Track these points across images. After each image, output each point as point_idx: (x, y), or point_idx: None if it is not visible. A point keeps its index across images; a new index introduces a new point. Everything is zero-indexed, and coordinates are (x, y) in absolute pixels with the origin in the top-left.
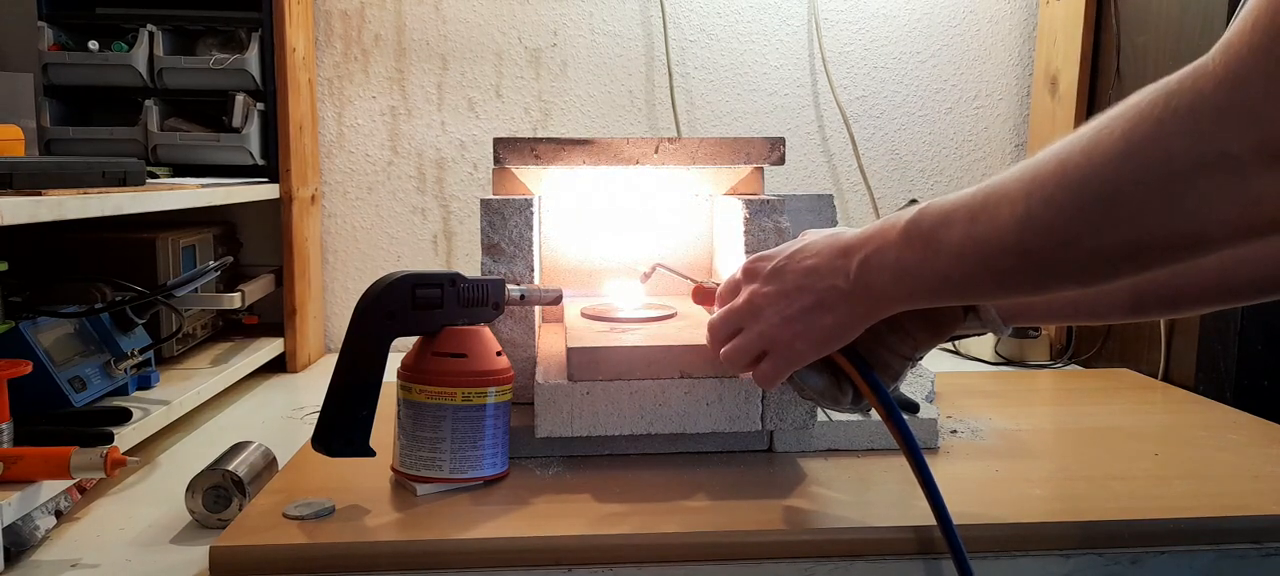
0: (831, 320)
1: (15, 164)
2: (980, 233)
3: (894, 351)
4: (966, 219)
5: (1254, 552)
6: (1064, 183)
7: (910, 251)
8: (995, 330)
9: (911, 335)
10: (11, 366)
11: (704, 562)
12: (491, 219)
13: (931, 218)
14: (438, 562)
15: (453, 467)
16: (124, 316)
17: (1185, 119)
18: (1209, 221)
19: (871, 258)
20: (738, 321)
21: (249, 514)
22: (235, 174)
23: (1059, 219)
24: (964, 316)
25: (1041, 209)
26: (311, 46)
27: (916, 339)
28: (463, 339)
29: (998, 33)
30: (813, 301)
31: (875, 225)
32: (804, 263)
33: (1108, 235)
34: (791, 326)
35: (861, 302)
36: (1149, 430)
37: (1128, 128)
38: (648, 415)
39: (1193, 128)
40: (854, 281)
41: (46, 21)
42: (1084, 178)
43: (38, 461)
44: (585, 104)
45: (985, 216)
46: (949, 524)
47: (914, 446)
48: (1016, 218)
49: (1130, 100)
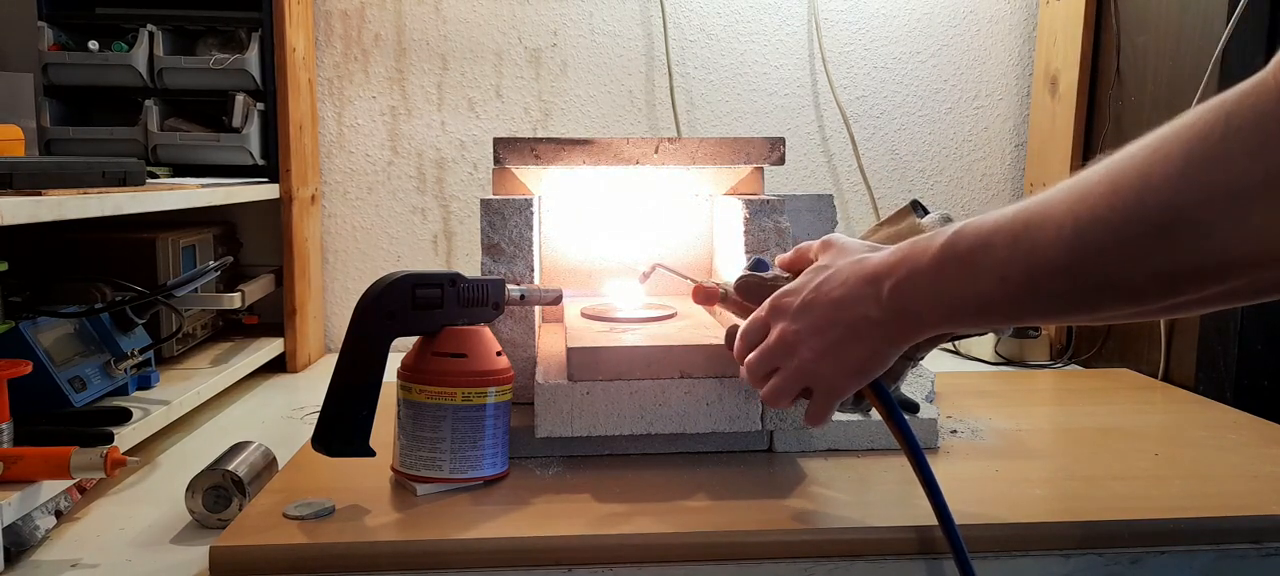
0: (866, 350)
1: (15, 164)
2: (1025, 255)
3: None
4: (1009, 241)
5: (1254, 553)
6: (1117, 204)
7: (947, 275)
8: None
9: None
10: (11, 366)
11: (704, 562)
12: (491, 219)
13: (968, 240)
14: (438, 562)
15: (453, 467)
16: (124, 316)
17: (1249, 137)
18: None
19: (903, 283)
20: (773, 361)
21: (249, 514)
22: (235, 174)
23: (1113, 241)
24: None
25: (1093, 230)
26: (311, 46)
27: None
28: (463, 339)
29: (998, 33)
30: (845, 333)
31: (902, 248)
32: (831, 294)
33: (1167, 258)
34: (827, 361)
35: (896, 329)
36: (1149, 430)
37: (1187, 148)
38: (648, 415)
39: (1259, 146)
40: (886, 309)
41: (46, 21)
42: (1140, 198)
43: (38, 461)
44: (585, 104)
45: (1029, 238)
46: (950, 523)
47: (916, 446)
48: (1065, 240)
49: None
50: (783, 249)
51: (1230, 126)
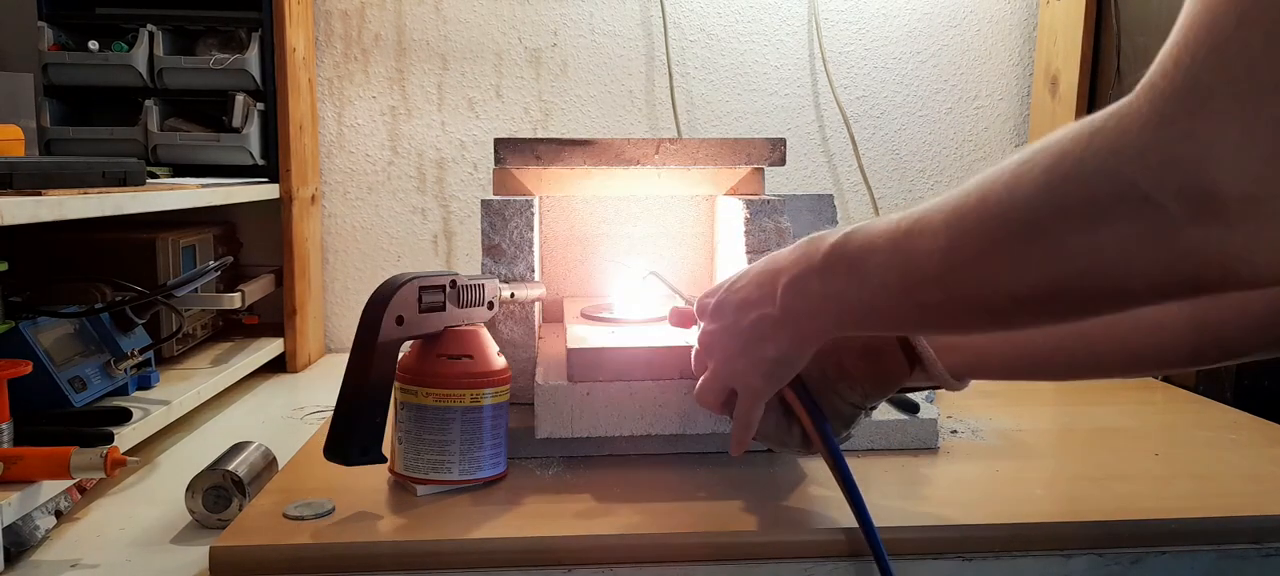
0: (772, 350)
1: (15, 164)
2: (902, 263)
3: (843, 398)
4: (889, 247)
5: (1254, 553)
6: (984, 215)
7: (834, 278)
8: (945, 385)
9: (859, 384)
10: (11, 366)
11: (704, 563)
12: (492, 219)
13: (857, 243)
14: (438, 563)
15: (461, 470)
16: (124, 316)
17: (1107, 159)
18: (1130, 271)
19: (794, 282)
20: (701, 363)
21: (249, 514)
22: (235, 174)
23: (979, 253)
24: (910, 369)
25: (962, 241)
26: (312, 46)
27: (864, 389)
28: (467, 340)
29: (998, 33)
30: (750, 332)
31: (801, 244)
32: (738, 293)
33: (1027, 275)
34: (740, 360)
35: (791, 329)
36: (1149, 430)
37: (1050, 163)
38: (648, 416)
39: (1115, 169)
40: (779, 307)
41: (46, 21)
42: (1004, 211)
43: (38, 461)
44: (585, 104)
45: (908, 246)
46: (872, 531)
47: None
48: (939, 249)
49: (1055, 135)
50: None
51: (1092, 146)
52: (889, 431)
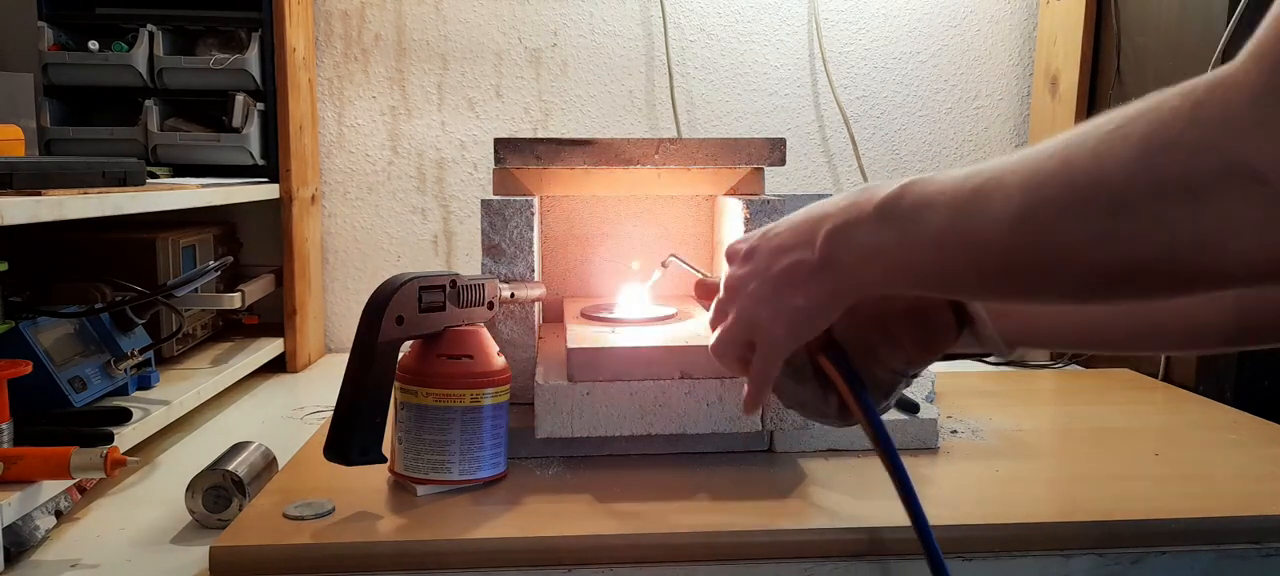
0: (802, 300)
1: (15, 164)
2: (966, 225)
3: (884, 364)
4: (951, 205)
5: (1254, 553)
6: (1068, 183)
7: (885, 231)
8: (996, 351)
9: (902, 348)
10: (11, 366)
11: (704, 563)
12: (492, 219)
13: (913, 198)
14: (438, 563)
15: (461, 470)
16: (124, 316)
17: (1212, 131)
18: (1227, 249)
19: (840, 231)
20: (721, 310)
21: (249, 514)
22: (235, 174)
23: (1058, 223)
24: (959, 332)
25: (1039, 209)
26: (312, 46)
27: (908, 353)
28: (468, 340)
29: (998, 33)
30: (782, 277)
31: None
32: (776, 239)
33: (1110, 250)
34: (765, 307)
35: (828, 279)
36: (1149, 430)
37: (1146, 133)
38: (648, 416)
39: (1219, 142)
40: (820, 255)
41: (46, 21)
42: (1092, 182)
43: (38, 461)
44: (585, 104)
45: (973, 208)
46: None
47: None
48: (1009, 215)
49: (1147, 104)
50: None
51: (1194, 117)
52: (889, 431)
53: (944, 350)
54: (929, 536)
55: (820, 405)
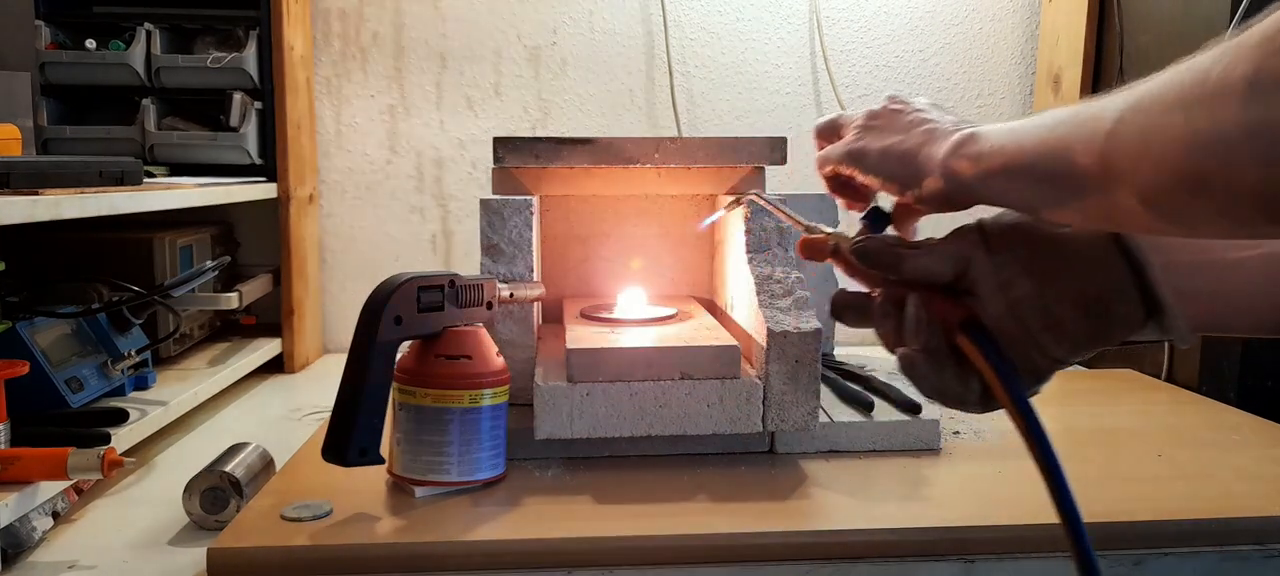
0: (901, 147)
1: (12, 163)
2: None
3: (1045, 353)
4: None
5: (1257, 554)
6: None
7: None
8: (1179, 340)
9: (1070, 336)
10: (8, 367)
11: (704, 565)
12: (491, 219)
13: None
14: (436, 565)
15: (460, 471)
16: (121, 316)
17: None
18: None
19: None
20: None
21: (246, 515)
22: (233, 173)
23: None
24: (1145, 322)
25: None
26: (309, 45)
27: (1075, 338)
28: (466, 341)
29: (1000, 31)
30: (904, 123)
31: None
32: (920, 111)
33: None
34: (870, 133)
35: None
36: (1152, 431)
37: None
38: (648, 417)
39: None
40: (956, 125)
41: (44, 20)
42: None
43: (35, 462)
44: (585, 103)
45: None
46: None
47: (1050, 455)
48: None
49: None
50: (784, 249)
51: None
52: (891, 432)
53: (1121, 339)
54: (1083, 537)
55: (960, 391)
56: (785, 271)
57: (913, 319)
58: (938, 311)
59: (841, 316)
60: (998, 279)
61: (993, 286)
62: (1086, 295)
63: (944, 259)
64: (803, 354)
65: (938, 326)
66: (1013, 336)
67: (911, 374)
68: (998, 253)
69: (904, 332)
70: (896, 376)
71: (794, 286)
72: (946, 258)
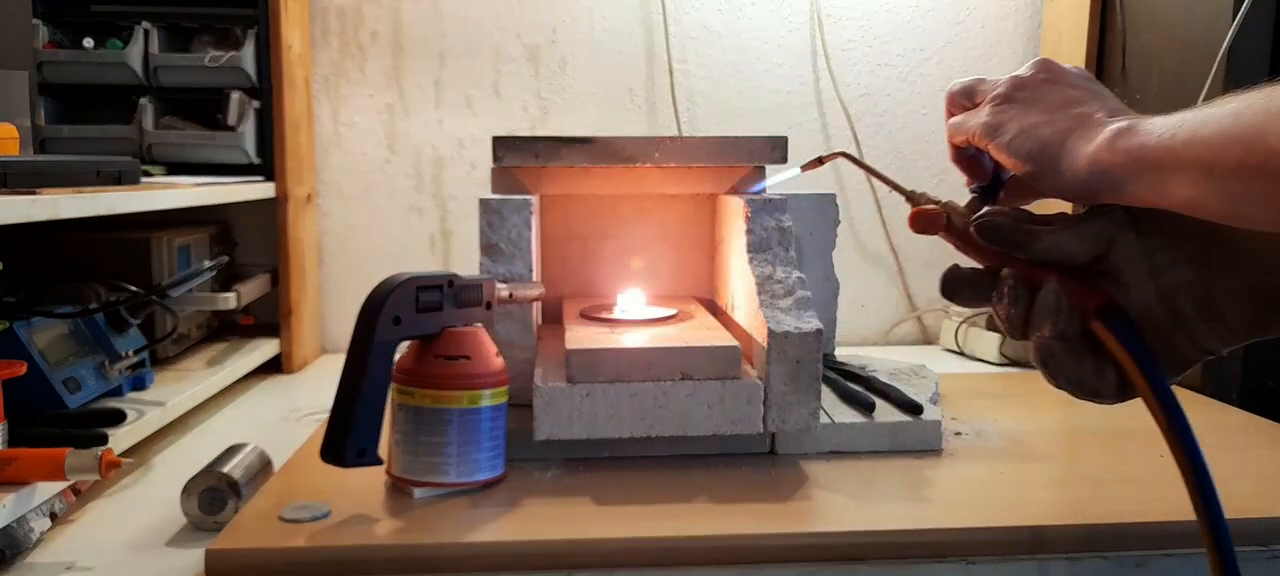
0: (1046, 129)
1: (10, 163)
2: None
3: (1197, 343)
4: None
5: (1260, 555)
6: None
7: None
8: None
9: (1230, 326)
10: (5, 367)
11: (705, 566)
12: (490, 218)
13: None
14: (435, 566)
15: (459, 472)
16: (119, 317)
17: None
18: None
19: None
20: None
21: (245, 516)
22: (231, 172)
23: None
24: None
25: None
26: (308, 44)
27: (1233, 330)
28: (466, 341)
29: (1002, 30)
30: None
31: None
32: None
33: None
34: (1012, 104)
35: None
36: (1154, 432)
37: None
38: (648, 417)
39: None
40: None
41: (41, 19)
42: None
43: (32, 463)
44: (584, 102)
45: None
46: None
47: (1194, 450)
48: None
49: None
50: (784, 248)
51: None
52: (892, 433)
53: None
54: (1224, 537)
55: (1094, 382)
56: (786, 271)
57: (1050, 304)
58: (1073, 295)
59: (955, 294)
60: (1149, 264)
61: (1142, 272)
62: (1263, 288)
63: (1083, 239)
64: (804, 354)
65: (1077, 315)
66: (1157, 324)
67: (1048, 364)
68: (1148, 236)
69: (1034, 317)
70: (897, 377)
71: (795, 286)
72: (1086, 238)
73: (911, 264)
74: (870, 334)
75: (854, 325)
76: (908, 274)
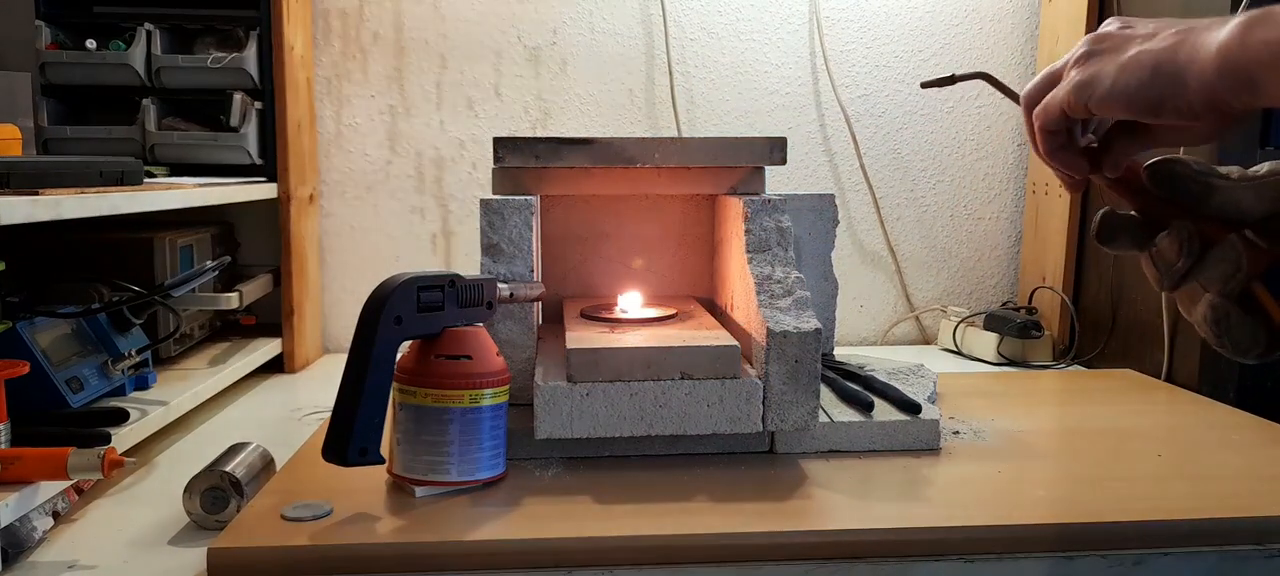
0: (1148, 52)
1: (13, 163)
2: None
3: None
4: None
5: (1257, 554)
6: None
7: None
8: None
9: None
10: (9, 367)
11: (704, 565)
12: (491, 219)
13: None
14: (437, 565)
15: (459, 471)
16: (121, 317)
17: None
18: None
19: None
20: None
21: (247, 515)
22: (233, 173)
23: None
24: None
25: None
26: (310, 45)
27: None
28: (466, 340)
29: (1000, 31)
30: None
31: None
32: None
33: None
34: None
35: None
36: (1152, 431)
37: None
38: (648, 417)
39: None
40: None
41: (44, 20)
42: None
43: (35, 462)
44: (585, 103)
45: None
46: None
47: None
48: None
49: None
50: (783, 248)
51: None
52: (890, 432)
53: None
54: None
55: (1247, 340)
56: (785, 271)
57: (1232, 260)
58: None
59: (1112, 239)
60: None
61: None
62: None
63: (1263, 198)
64: (803, 354)
65: (1242, 276)
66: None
67: (1222, 326)
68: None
69: (1203, 271)
70: (895, 376)
71: (794, 286)
72: (1266, 196)
73: (909, 264)
74: (869, 333)
75: (852, 325)
76: (906, 274)
